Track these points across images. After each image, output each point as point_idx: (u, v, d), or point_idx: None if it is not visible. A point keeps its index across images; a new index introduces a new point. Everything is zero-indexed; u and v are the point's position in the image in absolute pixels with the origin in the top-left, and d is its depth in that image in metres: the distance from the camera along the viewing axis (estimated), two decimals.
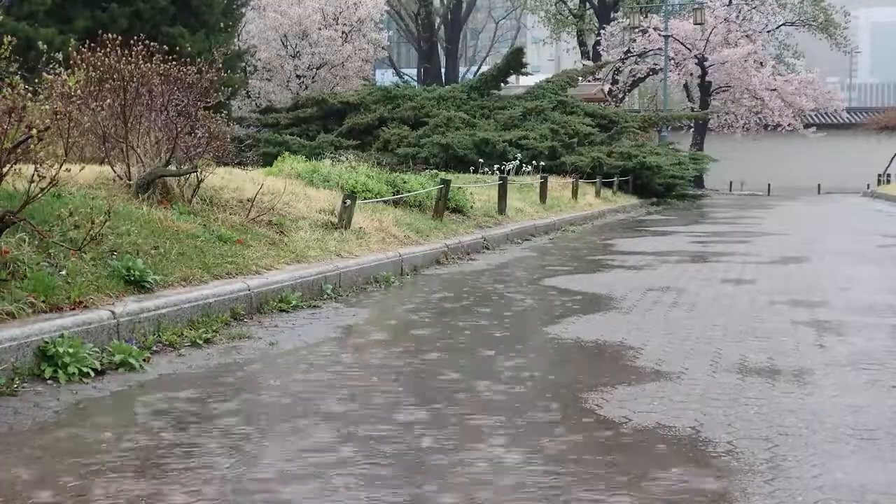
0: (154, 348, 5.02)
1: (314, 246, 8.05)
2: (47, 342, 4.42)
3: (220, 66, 9.47)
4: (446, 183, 11.97)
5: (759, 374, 4.64)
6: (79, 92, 7.38)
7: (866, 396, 4.22)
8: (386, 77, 50.41)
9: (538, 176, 18.32)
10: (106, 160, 8.06)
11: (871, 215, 21.59)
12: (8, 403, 3.95)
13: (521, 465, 3.26)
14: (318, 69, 33.33)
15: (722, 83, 40.32)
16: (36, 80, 7.53)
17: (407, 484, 3.08)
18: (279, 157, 13.81)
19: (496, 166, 20.23)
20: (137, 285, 5.54)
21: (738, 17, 40.02)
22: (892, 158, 44.43)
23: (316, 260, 7.70)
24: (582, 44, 46.58)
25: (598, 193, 21.78)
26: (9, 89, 5.43)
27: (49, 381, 4.27)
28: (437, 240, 10.41)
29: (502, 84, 27.30)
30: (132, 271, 5.56)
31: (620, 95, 41.77)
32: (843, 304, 7.02)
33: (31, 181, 5.01)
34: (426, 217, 11.40)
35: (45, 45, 7.67)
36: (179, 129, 7.85)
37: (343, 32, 33.35)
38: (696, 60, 39.56)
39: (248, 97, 32.11)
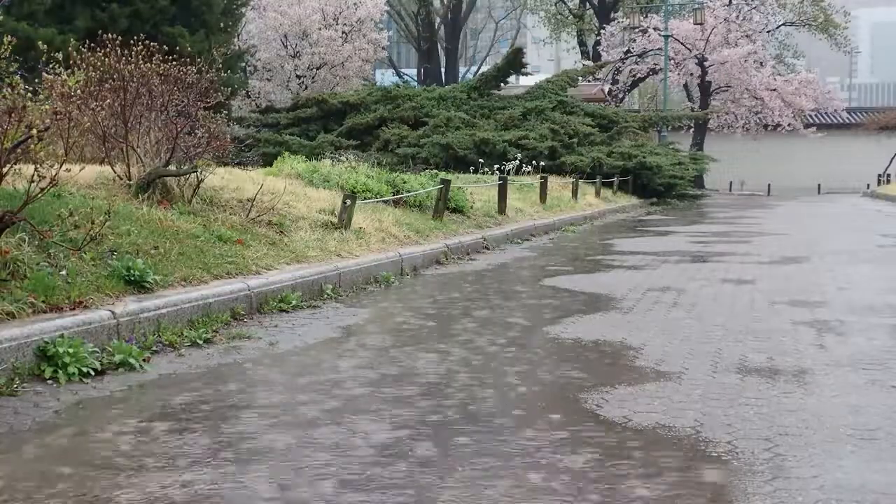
0: (154, 348, 5.02)
1: (314, 246, 8.06)
2: (47, 342, 4.42)
3: (220, 66, 9.48)
4: (446, 183, 11.97)
5: (759, 374, 4.64)
6: (79, 92, 7.38)
7: (866, 396, 4.22)
8: (386, 77, 50.40)
9: (538, 176, 18.32)
10: (106, 160, 8.06)
11: (871, 215, 21.59)
12: (8, 403, 3.96)
13: (520, 466, 3.26)
14: (318, 69, 33.31)
15: (722, 83, 40.30)
16: (36, 80, 7.53)
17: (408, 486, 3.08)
18: (279, 157, 13.80)
19: (496, 166, 20.23)
20: (137, 285, 5.54)
21: (738, 17, 40.00)
22: (892, 158, 44.42)
23: (316, 260, 7.70)
24: (582, 44, 46.60)
25: (598, 193, 21.78)
26: (9, 89, 5.43)
27: (49, 381, 4.27)
28: (437, 240, 10.41)
29: (502, 84, 27.26)
30: (132, 271, 5.56)
31: (620, 95, 41.76)
32: (842, 304, 7.02)
33: (31, 181, 5.01)
34: (426, 217, 11.40)
35: (45, 45, 7.65)
36: (179, 129, 7.86)
37: (343, 32, 33.32)
38: (696, 60, 39.55)
39: (248, 97, 32.08)
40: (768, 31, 42.80)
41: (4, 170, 5.22)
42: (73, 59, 7.82)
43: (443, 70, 48.60)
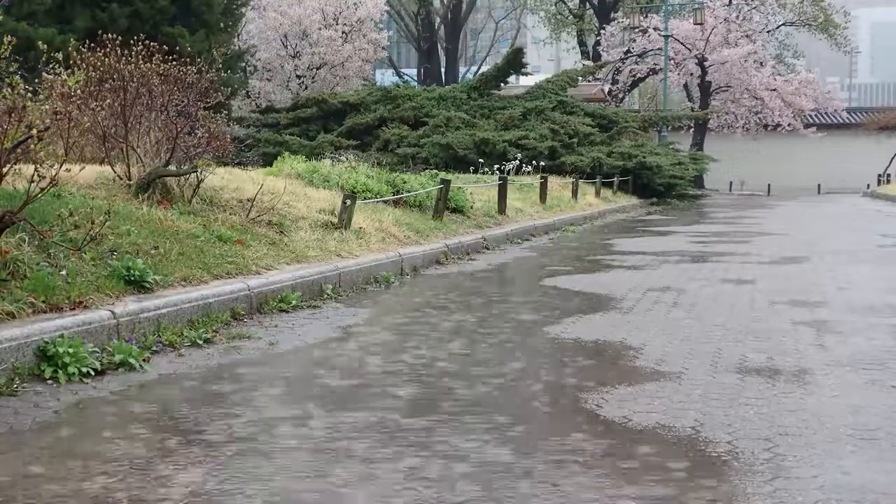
0: (154, 348, 5.02)
1: (314, 246, 8.06)
2: (47, 342, 4.42)
3: (220, 66, 9.49)
4: (446, 183, 11.97)
5: (759, 374, 4.64)
6: (79, 92, 7.38)
7: (866, 396, 4.22)
8: (386, 77, 50.40)
9: (538, 176, 18.32)
10: (106, 160, 8.06)
11: (871, 215, 21.59)
12: (8, 403, 3.96)
13: (520, 467, 3.26)
14: (318, 69, 33.31)
15: (722, 83, 40.30)
16: (36, 80, 7.53)
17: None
18: (279, 157, 13.80)
19: (496, 166, 20.23)
20: (137, 285, 5.54)
21: (738, 17, 39.99)
22: (893, 158, 44.42)
23: (316, 260, 7.70)
24: (582, 44, 46.60)
25: (598, 193, 21.78)
26: (9, 89, 5.43)
27: (49, 381, 4.27)
28: (437, 240, 10.41)
29: (502, 84, 27.27)
30: (132, 271, 5.56)
31: (620, 95, 41.76)
32: (842, 304, 7.02)
33: (31, 181, 5.01)
34: (426, 217, 11.40)
35: (45, 45, 7.66)
36: (179, 129, 7.86)
37: (343, 32, 33.33)
38: (696, 60, 39.55)
39: (248, 97, 32.07)
40: (768, 31, 42.80)
41: (4, 170, 5.22)
42: (73, 59, 7.82)
43: (443, 70, 48.60)
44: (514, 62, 26.98)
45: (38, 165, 4.98)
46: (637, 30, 39.58)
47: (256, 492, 3.00)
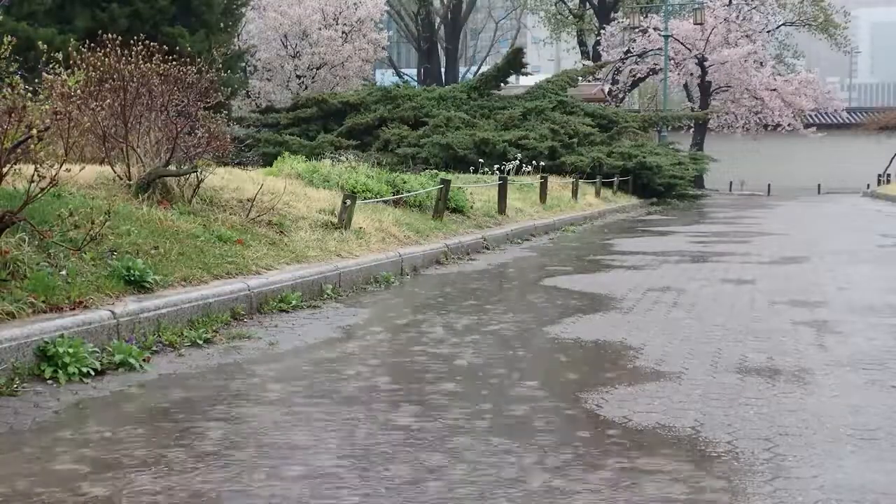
0: (154, 348, 5.02)
1: (314, 246, 8.06)
2: (47, 342, 4.42)
3: (220, 66, 9.49)
4: (446, 183, 11.97)
5: (759, 374, 4.64)
6: (79, 92, 7.38)
7: (866, 396, 4.22)
8: (386, 77, 50.40)
9: (538, 176, 18.32)
10: (106, 160, 8.06)
11: (871, 215, 21.59)
12: (8, 403, 3.96)
13: (520, 467, 3.26)
14: (318, 69, 33.32)
15: (722, 83, 40.30)
16: (36, 80, 7.53)
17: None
18: (279, 157, 13.79)
19: (496, 166, 20.23)
20: (137, 285, 5.55)
21: (738, 17, 40.00)
22: (893, 158, 44.42)
23: (316, 260, 7.70)
24: (582, 44, 46.61)
25: (598, 193, 21.78)
26: (9, 89, 5.43)
27: (49, 381, 4.27)
28: (437, 240, 10.41)
29: (502, 84, 27.26)
30: (132, 271, 5.56)
31: (620, 95, 41.76)
32: (842, 304, 7.02)
33: (31, 181, 5.01)
34: (426, 217, 11.40)
35: (45, 45, 7.66)
36: (179, 129, 7.86)
37: (343, 32, 33.33)
38: (696, 60, 39.55)
39: (248, 97, 32.06)
40: (768, 31, 42.80)
41: (4, 170, 5.22)
42: (73, 59, 7.82)
43: (443, 70, 48.60)
44: (514, 62, 26.98)
45: (38, 165, 4.98)
46: (637, 30, 39.58)
47: (257, 492, 3.00)
